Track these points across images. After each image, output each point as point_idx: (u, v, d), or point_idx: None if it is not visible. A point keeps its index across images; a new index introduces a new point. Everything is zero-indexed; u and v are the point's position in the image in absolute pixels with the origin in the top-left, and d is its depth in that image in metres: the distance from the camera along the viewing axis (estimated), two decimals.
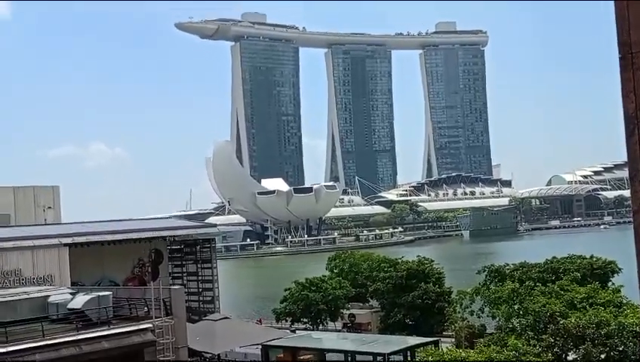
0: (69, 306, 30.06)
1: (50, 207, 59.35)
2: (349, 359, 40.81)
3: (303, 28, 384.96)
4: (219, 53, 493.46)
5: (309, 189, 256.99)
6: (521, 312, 40.24)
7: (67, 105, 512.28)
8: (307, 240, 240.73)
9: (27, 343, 26.56)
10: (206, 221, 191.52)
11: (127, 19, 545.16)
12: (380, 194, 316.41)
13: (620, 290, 43.76)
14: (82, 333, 28.28)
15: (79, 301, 30.09)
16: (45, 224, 54.91)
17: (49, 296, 31.32)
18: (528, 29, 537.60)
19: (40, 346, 26.64)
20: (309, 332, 57.17)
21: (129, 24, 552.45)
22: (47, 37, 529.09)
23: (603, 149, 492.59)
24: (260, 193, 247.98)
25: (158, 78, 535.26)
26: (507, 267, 53.55)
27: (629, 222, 3.02)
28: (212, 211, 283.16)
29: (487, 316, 47.26)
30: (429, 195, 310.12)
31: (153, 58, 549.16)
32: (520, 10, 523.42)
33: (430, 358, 34.28)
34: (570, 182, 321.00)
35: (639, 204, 2.98)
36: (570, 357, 34.39)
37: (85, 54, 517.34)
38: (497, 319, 43.53)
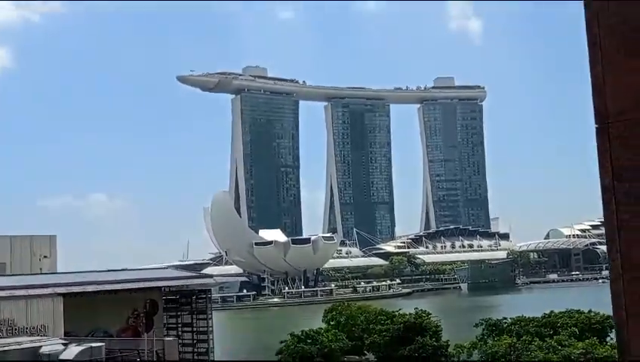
0: (61, 357, 29.63)
1: (46, 256, 59.00)
2: None
3: (303, 81, 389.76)
4: (219, 105, 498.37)
5: (307, 240, 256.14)
6: None
7: (67, 155, 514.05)
8: (304, 291, 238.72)
9: None
10: (203, 271, 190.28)
11: (128, 71, 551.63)
12: (377, 246, 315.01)
13: None
14: None
15: (71, 352, 29.66)
16: (41, 273, 54.51)
17: (41, 346, 30.88)
18: (527, 83, 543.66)
19: None
20: None
21: (130, 76, 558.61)
22: (48, 87, 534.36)
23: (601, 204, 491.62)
24: (257, 244, 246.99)
25: (158, 129, 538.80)
26: (505, 321, 53.04)
27: None
28: (209, 261, 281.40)
29: None
30: (427, 248, 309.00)
31: (154, 110, 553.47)
32: (518, 65, 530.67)
33: None
34: (569, 236, 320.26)
35: (617, 274, 2.92)
36: None
37: (85, 105, 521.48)
38: None
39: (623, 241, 2.86)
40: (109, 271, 63.35)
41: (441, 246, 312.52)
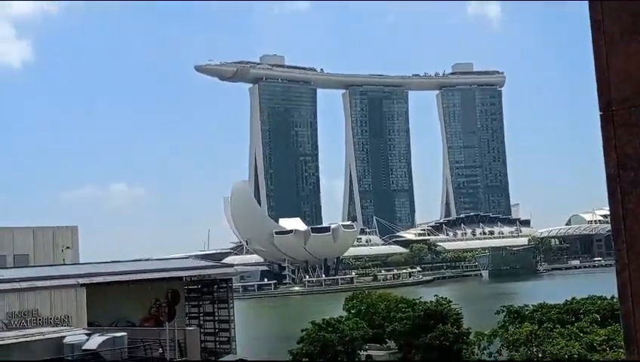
0: (84, 347, 29.97)
1: (68, 247, 59.61)
2: None
3: (321, 69, 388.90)
4: (238, 94, 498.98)
5: (327, 229, 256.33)
6: (540, 355, 39.49)
7: (88, 147, 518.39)
8: (324, 279, 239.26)
9: None
10: (224, 261, 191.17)
11: (147, 62, 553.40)
12: (397, 234, 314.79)
13: None
14: None
15: (94, 342, 29.99)
16: (63, 264, 55.10)
17: (64, 336, 31.24)
18: (547, 66, 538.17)
19: None
20: None
21: (149, 67, 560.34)
22: (68, 80, 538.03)
23: None
24: (277, 233, 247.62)
25: (178, 119, 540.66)
26: (526, 308, 52.79)
27: None
28: (230, 251, 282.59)
29: (506, 358, 46.41)
30: (448, 235, 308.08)
31: (173, 100, 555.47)
32: (538, 48, 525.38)
33: None
34: (590, 222, 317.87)
35: (623, 264, 2.91)
36: None
37: (105, 97, 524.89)
38: None
39: (629, 231, 2.83)
40: (131, 261, 63.93)
41: (462, 234, 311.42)
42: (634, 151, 2.86)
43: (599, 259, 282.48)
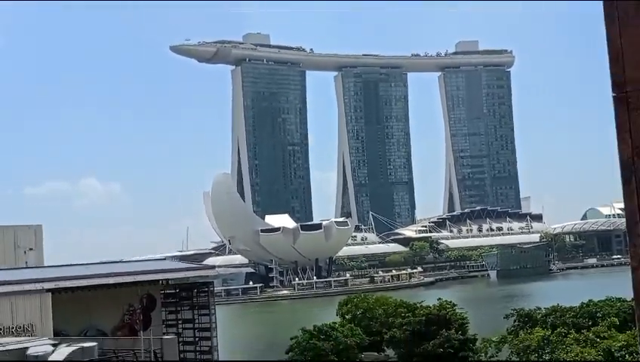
0: (50, 359, 29.93)
1: (31, 249, 59.32)
2: None
3: (311, 49, 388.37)
4: (219, 78, 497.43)
5: (318, 226, 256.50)
6: None
7: (56, 139, 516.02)
8: (316, 282, 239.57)
9: None
10: (204, 262, 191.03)
11: (120, 45, 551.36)
12: (396, 231, 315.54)
13: None
14: None
15: (61, 353, 29.95)
16: (26, 267, 54.92)
17: (28, 347, 31.19)
18: (560, 43, 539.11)
19: None
20: None
21: (121, 50, 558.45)
22: (35, 67, 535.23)
23: None
24: (263, 231, 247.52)
25: (153, 106, 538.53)
26: (538, 311, 53.09)
27: None
28: (211, 251, 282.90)
29: None
30: (452, 231, 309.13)
31: (147, 84, 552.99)
32: (550, 23, 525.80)
33: None
34: (608, 216, 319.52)
35: (639, 261, 2.80)
36: None
37: (75, 83, 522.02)
38: None
39: None
40: (101, 263, 63.85)
41: (467, 230, 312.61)
42: None
43: (618, 256, 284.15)
